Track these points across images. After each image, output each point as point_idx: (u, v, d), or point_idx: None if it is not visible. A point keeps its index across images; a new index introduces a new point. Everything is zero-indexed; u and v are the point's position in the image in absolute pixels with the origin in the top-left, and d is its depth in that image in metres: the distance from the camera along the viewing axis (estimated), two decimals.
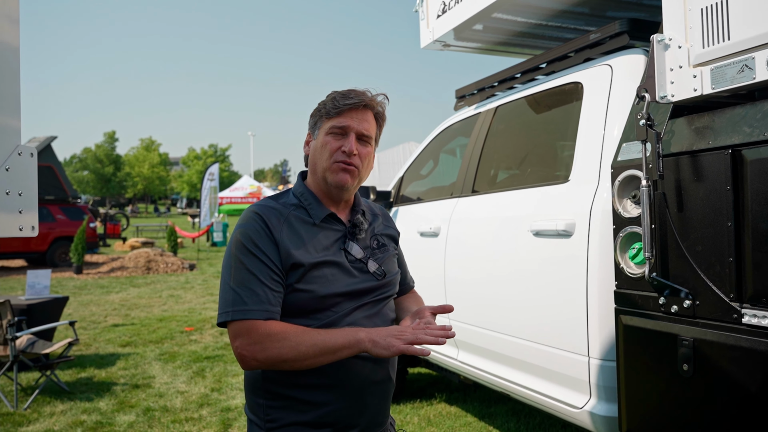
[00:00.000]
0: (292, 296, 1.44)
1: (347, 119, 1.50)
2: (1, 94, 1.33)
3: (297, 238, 1.46)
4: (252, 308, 1.37)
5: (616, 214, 2.09)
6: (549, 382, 2.58)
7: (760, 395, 1.60)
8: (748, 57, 1.63)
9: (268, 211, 1.48)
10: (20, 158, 1.37)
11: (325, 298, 1.45)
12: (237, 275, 1.41)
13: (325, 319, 1.45)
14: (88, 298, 10.10)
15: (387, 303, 1.60)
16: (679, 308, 1.82)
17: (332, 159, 1.50)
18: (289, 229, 1.47)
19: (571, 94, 2.75)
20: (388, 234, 1.69)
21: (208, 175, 18.86)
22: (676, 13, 1.83)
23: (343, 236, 1.54)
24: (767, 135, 1.60)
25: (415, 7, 3.78)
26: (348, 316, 1.48)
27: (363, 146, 1.53)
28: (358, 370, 1.45)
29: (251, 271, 1.40)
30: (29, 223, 1.40)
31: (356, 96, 1.51)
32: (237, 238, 1.46)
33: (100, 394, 4.82)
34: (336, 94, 1.54)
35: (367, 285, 1.52)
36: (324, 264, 1.46)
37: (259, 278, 1.40)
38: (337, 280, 1.47)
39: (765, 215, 1.60)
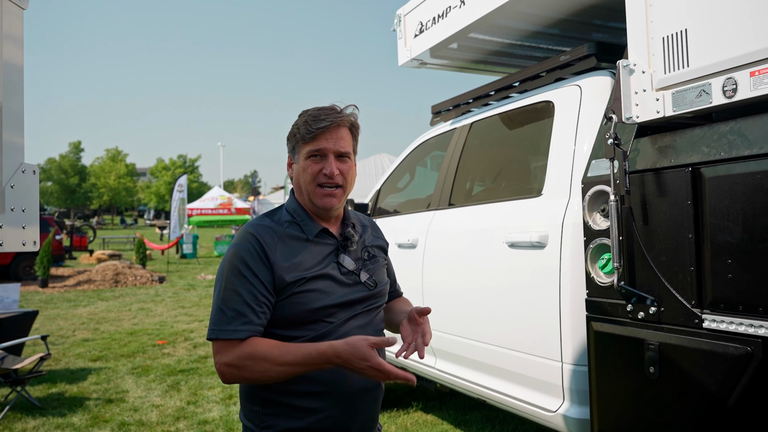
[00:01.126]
0: (287, 309, 1.51)
1: (322, 142, 1.56)
2: (6, 113, 1.38)
3: (291, 255, 1.53)
4: (234, 328, 1.44)
5: (586, 226, 2.22)
6: (524, 388, 2.69)
7: (720, 393, 1.73)
8: (706, 83, 1.78)
9: (263, 231, 1.55)
10: (24, 176, 1.42)
11: (319, 311, 1.52)
12: (224, 294, 1.49)
13: (320, 330, 1.52)
14: (55, 312, 9.87)
15: (378, 312, 1.68)
16: (646, 314, 1.96)
17: (315, 182, 1.57)
18: (284, 246, 1.54)
19: (543, 112, 2.89)
20: (378, 245, 1.77)
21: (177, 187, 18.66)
22: (640, 40, 1.97)
23: (336, 249, 1.62)
24: (723, 155, 1.74)
25: (393, 27, 3.90)
26: (342, 326, 1.55)
27: (343, 163, 1.60)
28: (350, 378, 1.52)
29: (238, 291, 1.47)
30: (31, 238, 1.44)
31: (327, 117, 1.56)
32: (230, 258, 1.53)
33: (73, 410, 4.75)
34: (308, 117, 1.58)
35: (360, 295, 1.60)
36: (318, 278, 1.54)
37: (244, 299, 1.46)
38: (331, 293, 1.54)
39: (722, 228, 1.74)
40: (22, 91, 1.44)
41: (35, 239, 1.45)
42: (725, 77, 1.72)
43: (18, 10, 1.44)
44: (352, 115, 1.63)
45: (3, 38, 1.38)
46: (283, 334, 1.52)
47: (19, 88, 1.44)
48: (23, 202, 1.42)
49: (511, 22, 3.24)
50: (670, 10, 1.87)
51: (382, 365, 1.38)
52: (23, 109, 1.44)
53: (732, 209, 1.71)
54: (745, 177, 1.68)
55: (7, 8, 1.41)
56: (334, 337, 1.50)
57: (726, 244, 1.72)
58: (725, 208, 1.72)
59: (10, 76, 1.40)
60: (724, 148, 1.75)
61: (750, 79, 1.66)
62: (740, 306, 1.69)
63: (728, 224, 1.72)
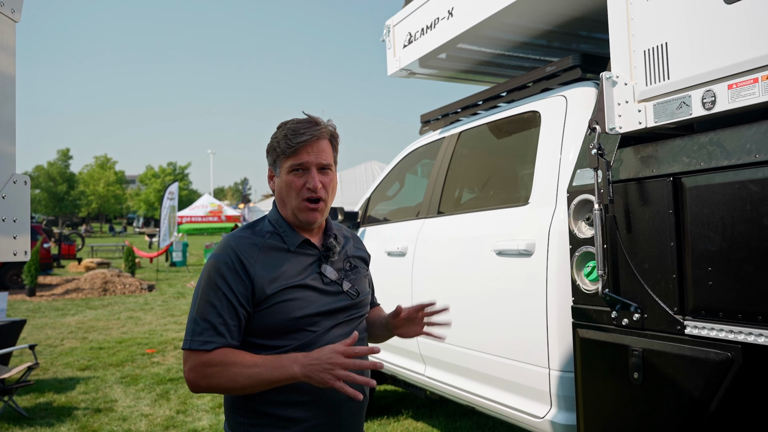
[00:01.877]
0: (269, 318, 1.52)
1: (304, 155, 1.56)
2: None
3: (273, 266, 1.54)
4: (204, 339, 1.46)
5: (572, 234, 2.26)
6: (512, 394, 2.72)
7: (702, 398, 1.77)
8: (686, 95, 1.83)
9: (243, 243, 1.55)
10: (15, 186, 1.43)
11: (300, 319, 1.53)
12: (199, 306, 1.51)
13: (303, 339, 1.53)
14: (43, 321, 9.79)
15: (361, 322, 1.70)
16: (630, 321, 1.99)
17: (299, 197, 1.58)
18: (265, 257, 1.55)
19: (530, 121, 2.94)
20: (360, 256, 1.79)
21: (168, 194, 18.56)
22: (622, 53, 2.02)
23: (318, 260, 1.63)
24: (702, 165, 1.79)
25: (383, 37, 3.95)
26: (325, 335, 1.56)
27: (325, 175, 1.60)
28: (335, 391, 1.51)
29: (212, 303, 1.49)
30: (22, 248, 1.45)
31: (307, 131, 1.56)
32: (208, 269, 1.54)
33: (61, 420, 4.71)
34: (287, 130, 1.58)
35: (343, 304, 1.62)
36: (299, 287, 1.55)
37: (218, 310, 1.48)
38: (312, 302, 1.56)
39: (702, 236, 1.78)
40: (14, 101, 1.46)
41: (26, 249, 1.46)
42: (704, 89, 1.77)
43: (10, 22, 1.46)
44: (330, 125, 1.64)
45: None
46: (265, 344, 1.53)
47: (11, 99, 1.45)
48: (14, 212, 1.43)
49: (498, 33, 3.30)
50: (651, 25, 1.92)
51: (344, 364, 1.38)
52: (15, 119, 1.46)
53: (712, 218, 1.75)
54: (723, 187, 1.72)
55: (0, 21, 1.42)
56: (317, 347, 1.51)
57: (706, 252, 1.76)
58: (705, 217, 1.77)
59: (2, 87, 1.42)
60: (704, 158, 1.80)
61: (728, 92, 1.71)
62: (720, 312, 1.73)
63: (708, 233, 1.76)
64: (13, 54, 1.47)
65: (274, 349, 1.52)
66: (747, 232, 1.66)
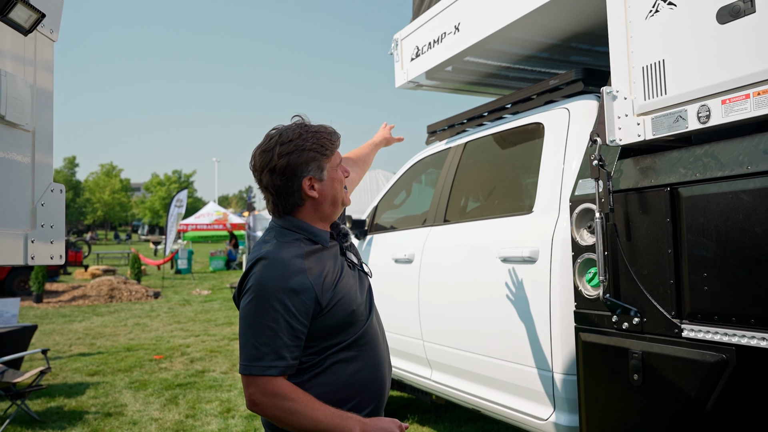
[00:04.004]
0: (332, 318, 1.54)
1: (338, 153, 1.70)
2: (38, 137, 1.50)
3: (321, 268, 1.56)
4: (270, 365, 1.45)
5: (574, 242, 2.35)
6: (516, 397, 2.80)
7: (699, 398, 1.85)
8: (682, 109, 1.93)
9: (290, 260, 1.52)
10: (52, 194, 1.54)
11: (354, 311, 1.59)
12: (260, 331, 1.46)
13: (359, 330, 1.60)
14: (51, 327, 9.89)
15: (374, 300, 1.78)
16: (629, 325, 2.08)
17: (342, 185, 1.69)
18: (312, 264, 1.55)
19: (534, 133, 3.04)
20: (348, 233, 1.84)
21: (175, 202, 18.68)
22: (622, 69, 2.12)
23: (339, 248, 1.71)
24: (698, 176, 1.88)
25: (391, 50, 4.06)
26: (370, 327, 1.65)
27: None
28: (382, 374, 1.64)
29: (273, 328, 1.46)
30: (58, 252, 1.56)
31: (334, 132, 1.68)
32: (260, 296, 1.48)
33: (73, 423, 4.80)
34: (318, 135, 1.61)
35: (367, 284, 1.72)
36: (343, 279, 1.61)
37: (279, 335, 1.46)
38: (356, 291, 1.64)
39: (698, 243, 1.87)
40: (52, 115, 1.57)
41: (61, 253, 1.56)
42: (699, 104, 1.87)
43: (49, 42, 1.57)
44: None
45: (36, 67, 1.51)
46: (328, 344, 1.55)
47: (49, 113, 1.56)
48: (52, 219, 1.53)
49: (503, 46, 3.40)
50: (649, 42, 2.02)
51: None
52: (53, 132, 1.57)
53: (707, 226, 1.84)
54: (718, 196, 1.81)
55: (40, 40, 1.53)
56: (366, 334, 1.61)
57: (702, 259, 1.85)
58: (701, 225, 1.86)
59: (41, 103, 1.53)
60: (700, 169, 1.89)
61: (722, 107, 1.80)
62: (716, 316, 1.82)
63: (704, 240, 1.85)
64: (52, 71, 1.58)
65: (335, 345, 1.56)
66: (740, 239, 1.74)
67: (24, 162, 1.45)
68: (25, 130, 1.45)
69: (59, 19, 1.61)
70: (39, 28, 1.50)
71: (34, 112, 1.49)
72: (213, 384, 5.98)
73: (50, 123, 1.55)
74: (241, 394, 5.56)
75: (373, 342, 1.65)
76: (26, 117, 1.44)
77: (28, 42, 1.49)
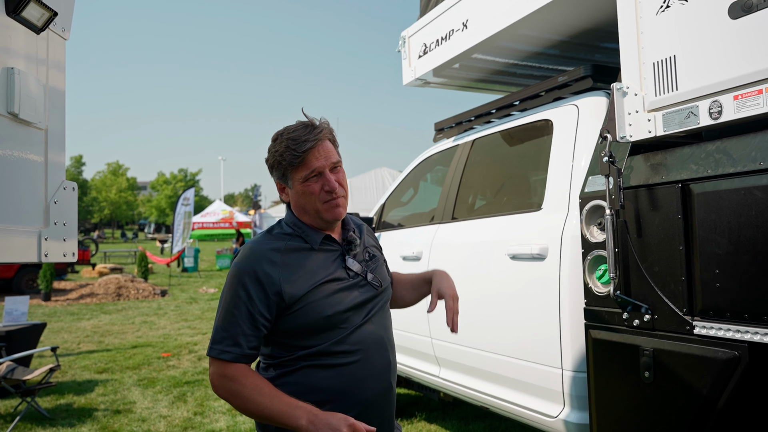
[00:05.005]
0: (300, 319, 1.54)
1: (314, 162, 1.56)
2: (51, 135, 1.51)
3: (297, 267, 1.55)
4: (222, 348, 1.51)
5: (584, 239, 2.34)
6: (526, 394, 2.80)
7: (711, 396, 1.84)
8: (693, 105, 1.92)
9: (264, 250, 1.56)
10: (65, 192, 1.55)
11: (331, 317, 1.55)
12: (221, 314, 1.54)
13: (335, 337, 1.55)
14: (59, 325, 9.95)
15: (385, 311, 1.73)
16: (640, 322, 2.07)
17: (320, 201, 1.58)
18: (288, 259, 1.56)
19: (543, 130, 3.03)
20: (375, 244, 1.83)
21: (182, 200, 18.72)
22: (633, 65, 2.11)
23: (341, 254, 1.66)
24: (710, 172, 1.87)
25: (398, 48, 4.05)
26: (355, 332, 1.58)
27: (337, 173, 1.61)
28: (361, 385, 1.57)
29: (232, 312, 1.52)
30: (71, 250, 1.56)
31: (309, 138, 1.56)
32: (230, 278, 1.55)
33: (82, 420, 4.83)
34: (288, 141, 1.57)
35: (369, 295, 1.64)
36: (328, 283, 1.57)
37: (237, 320, 1.51)
38: (342, 297, 1.58)
39: (710, 240, 1.86)
40: (64, 114, 1.57)
41: (74, 251, 1.57)
42: (711, 100, 1.85)
43: (61, 41, 1.57)
44: (325, 123, 1.63)
45: (48, 66, 1.52)
46: (298, 344, 1.56)
47: (62, 112, 1.57)
48: (64, 216, 1.54)
49: (512, 43, 3.39)
50: (660, 38, 2.01)
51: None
52: (65, 131, 1.57)
53: (719, 223, 1.83)
54: (730, 193, 1.80)
55: (52, 39, 1.54)
56: (349, 343, 1.55)
57: (714, 256, 1.84)
58: (712, 222, 1.85)
59: (53, 102, 1.53)
60: (711, 165, 1.88)
61: (734, 102, 1.79)
62: (728, 313, 1.81)
63: (715, 237, 1.84)
64: (63, 70, 1.59)
65: (309, 347, 1.55)
66: (752, 236, 1.73)
67: (37, 160, 1.46)
68: (38, 128, 1.46)
69: (71, 18, 1.62)
70: (51, 27, 1.51)
71: (46, 110, 1.50)
72: None
73: (62, 121, 1.56)
74: None
75: (361, 353, 1.58)
76: (39, 115, 1.45)
77: (41, 41, 1.50)
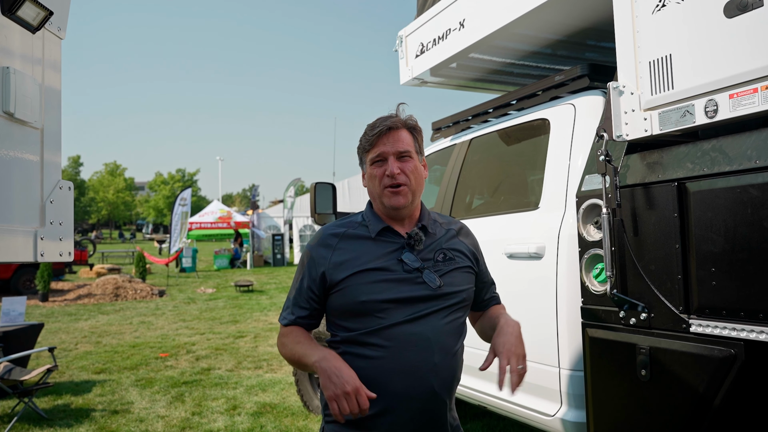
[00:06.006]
0: (339, 300, 1.63)
1: (380, 147, 1.64)
2: (47, 134, 1.50)
3: (349, 252, 1.64)
4: (284, 315, 1.74)
5: (580, 238, 2.34)
6: (524, 393, 2.80)
7: (707, 393, 1.85)
8: (689, 104, 1.92)
9: (327, 234, 1.70)
10: (61, 192, 1.55)
11: (365, 303, 1.57)
12: (291, 288, 1.76)
13: (372, 325, 1.57)
14: (56, 325, 9.93)
15: (447, 318, 1.63)
16: (637, 320, 2.07)
17: (381, 185, 1.65)
18: (344, 244, 1.66)
19: (540, 129, 3.03)
20: (459, 249, 1.74)
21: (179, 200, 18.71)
22: (629, 64, 2.12)
23: (401, 248, 1.64)
24: (706, 170, 1.88)
25: (395, 47, 4.06)
26: (392, 327, 1.56)
27: (404, 162, 1.64)
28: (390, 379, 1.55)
29: (295, 285, 1.73)
30: (67, 249, 1.56)
31: (380, 123, 1.65)
32: (301, 256, 1.76)
33: (80, 421, 4.82)
34: (366, 128, 1.69)
35: (421, 294, 1.59)
36: (371, 271, 1.60)
37: (297, 292, 1.71)
38: (383, 288, 1.58)
39: (706, 239, 1.87)
40: (59, 113, 1.57)
41: (70, 250, 1.57)
42: (707, 99, 1.86)
43: (57, 40, 1.57)
44: (408, 118, 1.69)
45: (44, 66, 1.52)
46: (341, 324, 1.65)
47: (57, 111, 1.57)
48: (60, 216, 1.54)
49: (508, 42, 3.40)
50: (656, 37, 2.01)
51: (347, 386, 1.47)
52: (61, 130, 1.57)
53: (715, 221, 1.83)
54: (726, 191, 1.81)
55: (48, 38, 1.54)
56: (385, 336, 1.55)
57: (710, 254, 1.85)
58: (709, 220, 1.85)
59: (49, 101, 1.53)
60: (707, 164, 1.88)
61: (729, 101, 1.79)
62: (724, 311, 1.81)
63: (712, 235, 1.84)
64: (59, 69, 1.58)
65: (349, 330, 1.61)
66: (748, 234, 1.74)
67: (33, 160, 1.46)
68: (33, 127, 1.46)
69: (66, 17, 1.62)
70: (47, 26, 1.51)
71: (42, 110, 1.49)
72: (219, 381, 6.00)
73: (58, 121, 1.56)
74: (246, 392, 5.58)
75: (393, 349, 1.56)
76: (35, 115, 1.45)
77: (36, 40, 1.49)
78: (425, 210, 1.76)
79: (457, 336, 1.68)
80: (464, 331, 1.74)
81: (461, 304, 1.69)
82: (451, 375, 1.64)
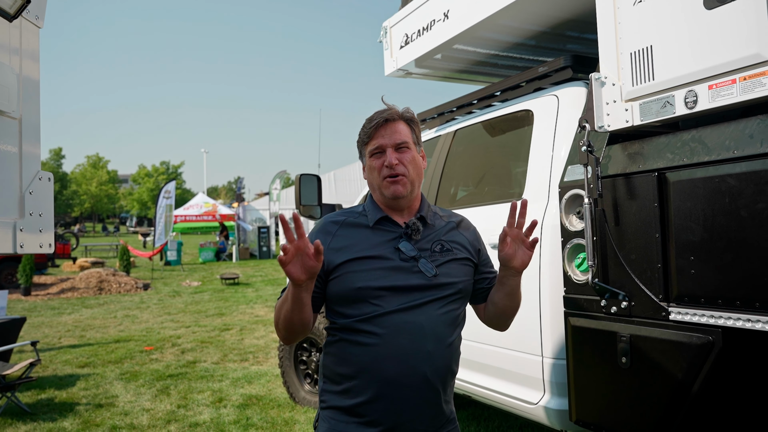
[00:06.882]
0: (337, 286, 1.62)
1: (378, 139, 1.66)
2: (25, 125, 1.48)
3: (347, 239, 1.65)
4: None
5: (563, 228, 2.36)
6: (507, 382, 2.83)
7: (686, 379, 1.89)
8: (670, 95, 1.94)
9: (328, 222, 1.72)
10: (40, 183, 1.53)
11: (361, 290, 1.58)
12: None
13: (369, 312, 1.57)
14: (39, 320, 9.82)
15: (443, 309, 1.64)
16: (618, 309, 2.11)
17: (381, 176, 1.66)
18: (343, 231, 1.68)
19: (523, 120, 3.05)
20: (456, 240, 1.74)
21: (164, 193, 18.54)
22: (610, 55, 2.13)
23: (398, 237, 1.65)
24: (685, 161, 1.90)
25: (380, 38, 4.04)
26: (388, 315, 1.57)
27: (402, 153, 1.66)
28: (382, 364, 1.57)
29: None
30: (47, 241, 1.55)
31: (378, 116, 1.67)
32: None
33: (64, 415, 4.78)
34: (365, 121, 1.70)
35: (416, 282, 1.60)
36: (367, 258, 1.61)
37: None
38: (378, 275, 1.59)
39: (685, 228, 1.90)
40: (38, 104, 1.55)
41: (51, 242, 1.55)
42: (687, 90, 1.88)
43: (35, 29, 1.55)
44: (405, 110, 1.72)
45: (22, 55, 1.49)
46: (339, 311, 1.64)
47: (36, 102, 1.54)
48: (40, 207, 1.52)
49: (492, 34, 3.40)
50: (637, 28, 2.03)
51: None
52: (39, 122, 1.55)
53: (694, 210, 1.86)
54: (705, 181, 1.83)
55: (26, 27, 1.51)
56: (379, 324, 1.56)
57: (689, 243, 1.88)
58: (688, 210, 1.88)
59: (28, 91, 1.51)
60: (687, 154, 1.91)
61: (708, 92, 1.82)
62: (702, 299, 1.85)
63: (691, 224, 1.87)
64: (38, 59, 1.56)
65: (346, 317, 1.61)
66: (726, 223, 1.77)
67: (11, 150, 1.44)
68: (11, 117, 1.44)
69: (44, 6, 1.59)
70: (24, 15, 1.48)
71: (20, 99, 1.47)
72: (204, 374, 5.99)
73: (37, 111, 1.54)
74: (232, 384, 5.57)
75: (388, 336, 1.57)
76: (12, 104, 1.43)
77: (14, 29, 1.47)
78: (425, 202, 1.78)
79: (452, 327, 1.68)
80: (461, 324, 1.74)
81: (457, 296, 1.69)
82: (445, 364, 1.64)
